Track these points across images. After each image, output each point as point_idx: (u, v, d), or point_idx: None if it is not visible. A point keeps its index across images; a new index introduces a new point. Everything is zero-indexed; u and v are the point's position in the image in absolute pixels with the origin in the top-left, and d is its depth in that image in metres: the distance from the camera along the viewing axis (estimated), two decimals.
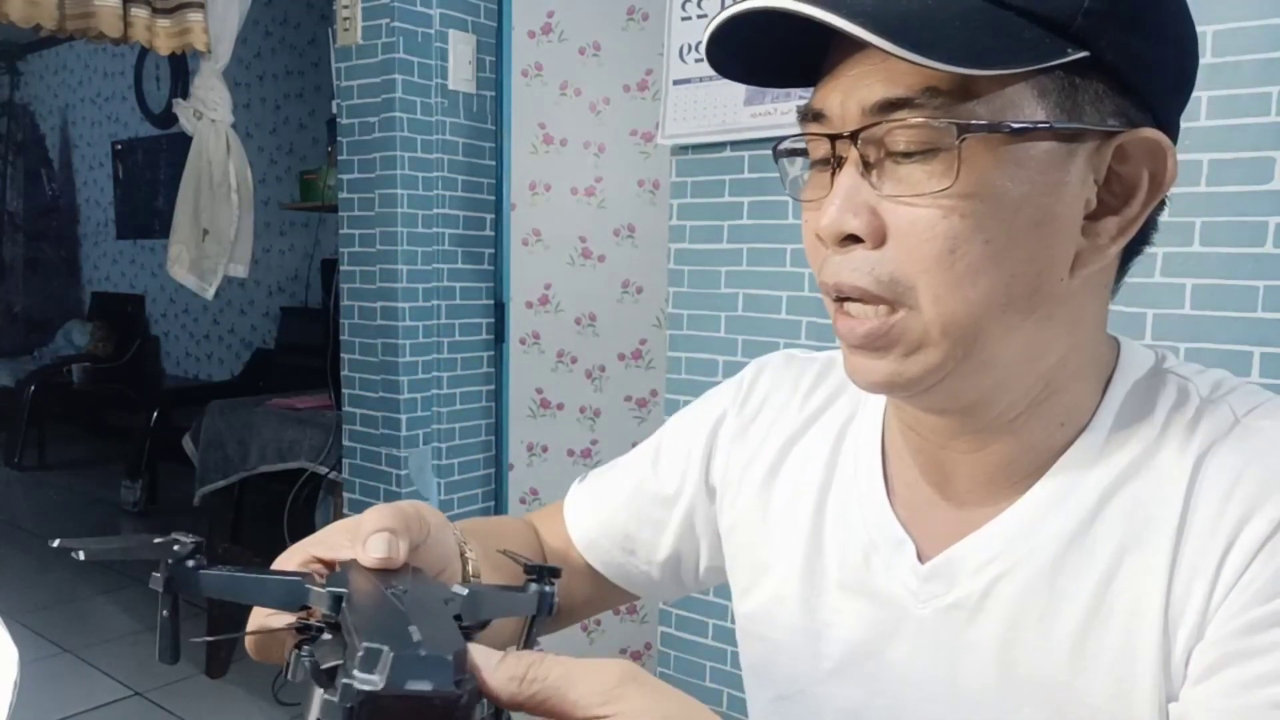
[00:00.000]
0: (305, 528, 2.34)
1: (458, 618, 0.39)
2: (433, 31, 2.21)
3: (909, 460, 0.60)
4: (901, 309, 0.49)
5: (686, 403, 0.79)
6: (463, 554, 0.55)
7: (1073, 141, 0.48)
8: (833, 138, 0.50)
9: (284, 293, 4.98)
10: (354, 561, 0.42)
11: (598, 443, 2.35)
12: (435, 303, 2.29)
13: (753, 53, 0.53)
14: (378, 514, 0.45)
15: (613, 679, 0.34)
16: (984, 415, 0.53)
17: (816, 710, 0.62)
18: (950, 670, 0.55)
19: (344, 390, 2.37)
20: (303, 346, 4.10)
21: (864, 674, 0.59)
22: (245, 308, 5.31)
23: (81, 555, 0.38)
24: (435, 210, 2.27)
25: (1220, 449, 0.49)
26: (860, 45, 0.46)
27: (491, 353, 2.44)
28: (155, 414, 4.32)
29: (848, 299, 0.51)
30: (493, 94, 2.37)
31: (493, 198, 2.40)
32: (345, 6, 2.20)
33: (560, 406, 2.37)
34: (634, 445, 0.79)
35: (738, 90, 1.62)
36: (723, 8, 1.81)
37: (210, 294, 2.55)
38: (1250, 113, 1.18)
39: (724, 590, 1.94)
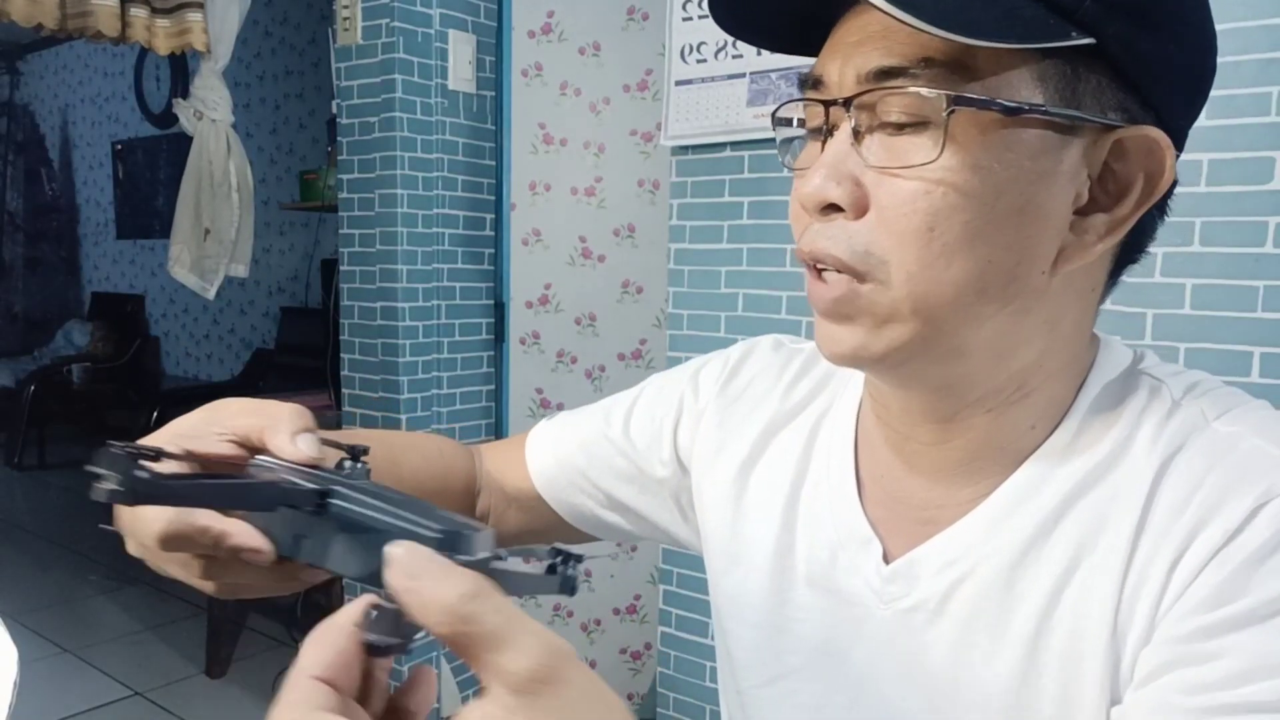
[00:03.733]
0: None
1: None
2: (433, 31, 2.21)
3: (880, 457, 0.59)
4: (871, 282, 0.48)
5: None
6: None
7: (1068, 131, 0.46)
8: (827, 104, 0.49)
9: (284, 293, 4.97)
10: (258, 456, 0.45)
11: None
12: (435, 303, 2.29)
13: (763, 13, 0.52)
14: (295, 414, 0.46)
15: (525, 676, 0.31)
16: (950, 403, 0.52)
17: (781, 704, 0.62)
18: (906, 673, 0.54)
19: (344, 390, 2.37)
20: (303, 346, 4.10)
21: (825, 671, 0.59)
22: (245, 308, 5.31)
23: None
24: (435, 210, 2.27)
25: (1186, 453, 0.48)
26: (864, 12, 0.45)
27: (491, 353, 2.44)
28: (155, 414, 4.31)
29: (823, 268, 0.50)
30: (493, 94, 2.37)
31: (493, 198, 2.40)
32: (345, 6, 2.20)
33: (560, 406, 2.37)
34: None
35: (740, 91, 1.62)
36: None
37: (211, 294, 2.55)
38: (1250, 113, 1.18)
39: None
